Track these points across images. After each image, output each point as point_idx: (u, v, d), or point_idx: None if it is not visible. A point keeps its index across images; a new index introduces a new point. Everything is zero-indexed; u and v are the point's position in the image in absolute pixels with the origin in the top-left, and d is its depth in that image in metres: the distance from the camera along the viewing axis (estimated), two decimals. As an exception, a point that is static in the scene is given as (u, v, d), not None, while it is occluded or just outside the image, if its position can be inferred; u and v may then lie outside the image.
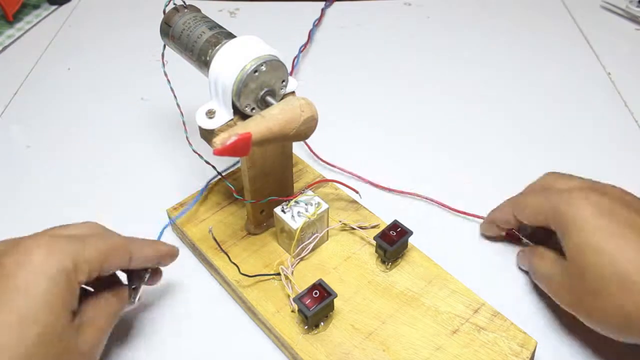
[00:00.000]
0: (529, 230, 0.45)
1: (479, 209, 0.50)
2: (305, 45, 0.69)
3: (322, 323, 0.39)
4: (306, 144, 0.54)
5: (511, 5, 0.79)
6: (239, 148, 0.34)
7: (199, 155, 0.42)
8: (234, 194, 0.41)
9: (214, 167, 0.43)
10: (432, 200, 0.50)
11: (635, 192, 0.52)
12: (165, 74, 0.42)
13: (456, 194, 0.51)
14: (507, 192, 0.47)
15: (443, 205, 0.50)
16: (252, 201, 0.42)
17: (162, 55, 0.43)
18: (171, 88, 0.42)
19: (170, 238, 0.48)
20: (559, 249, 0.38)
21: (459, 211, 0.49)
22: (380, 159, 0.55)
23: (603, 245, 0.33)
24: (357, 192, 0.46)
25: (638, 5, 0.74)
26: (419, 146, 0.56)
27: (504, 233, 0.46)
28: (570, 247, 0.35)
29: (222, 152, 0.33)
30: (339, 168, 0.52)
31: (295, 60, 0.66)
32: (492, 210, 0.45)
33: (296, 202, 0.42)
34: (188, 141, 0.41)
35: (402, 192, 0.50)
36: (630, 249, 0.33)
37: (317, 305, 0.37)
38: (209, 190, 0.48)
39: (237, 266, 0.41)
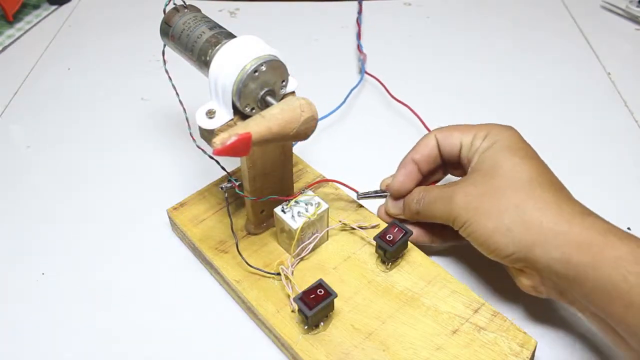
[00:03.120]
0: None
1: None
2: (359, 34, 0.71)
3: (322, 323, 0.39)
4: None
5: (511, 5, 0.79)
6: (239, 148, 0.34)
7: (202, 150, 0.42)
8: (237, 189, 0.41)
9: (217, 162, 0.43)
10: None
11: (635, 191, 0.52)
12: (167, 72, 0.42)
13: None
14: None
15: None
16: (252, 198, 0.42)
17: (163, 53, 0.43)
18: (173, 85, 0.42)
19: (170, 238, 0.48)
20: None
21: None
22: (378, 158, 0.55)
23: (518, 162, 0.38)
24: (356, 192, 0.46)
25: (638, 5, 0.74)
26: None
27: (414, 181, 0.44)
28: (488, 159, 0.39)
29: (222, 152, 0.33)
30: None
31: (360, 48, 0.68)
32: (414, 148, 0.44)
33: (296, 202, 0.42)
34: (192, 137, 0.41)
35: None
36: (537, 172, 0.38)
37: (317, 305, 0.37)
38: (208, 190, 0.48)
39: (243, 259, 0.41)
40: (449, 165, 0.45)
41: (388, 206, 0.45)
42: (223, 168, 0.43)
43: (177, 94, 0.42)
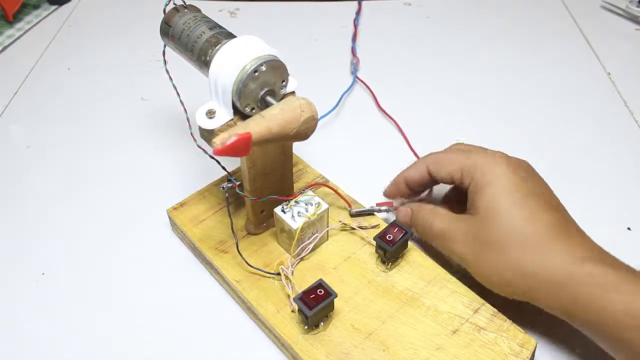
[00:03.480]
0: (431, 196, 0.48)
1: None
2: (354, 36, 0.71)
3: (322, 323, 0.39)
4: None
5: (511, 5, 0.79)
6: (239, 148, 0.34)
7: (203, 150, 0.42)
8: (237, 189, 0.41)
9: (218, 161, 0.43)
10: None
11: (635, 191, 0.52)
12: (167, 72, 0.42)
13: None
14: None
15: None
16: (252, 198, 0.42)
17: (163, 53, 0.43)
18: (173, 85, 0.42)
19: (170, 238, 0.48)
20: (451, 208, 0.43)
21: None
22: (377, 158, 0.55)
23: (513, 208, 0.38)
24: (349, 206, 0.46)
25: (638, 5, 0.74)
26: (417, 146, 0.56)
27: (404, 197, 0.46)
28: (483, 204, 0.39)
29: (222, 152, 0.33)
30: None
31: (354, 51, 0.69)
32: (405, 169, 0.46)
33: (296, 202, 0.42)
34: (192, 137, 0.41)
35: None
36: (533, 217, 0.38)
37: (317, 305, 0.37)
38: (208, 190, 0.48)
39: (243, 259, 0.41)
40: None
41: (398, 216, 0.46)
42: (224, 168, 0.43)
43: (177, 93, 0.42)
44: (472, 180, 0.40)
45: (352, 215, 0.46)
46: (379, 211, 0.46)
